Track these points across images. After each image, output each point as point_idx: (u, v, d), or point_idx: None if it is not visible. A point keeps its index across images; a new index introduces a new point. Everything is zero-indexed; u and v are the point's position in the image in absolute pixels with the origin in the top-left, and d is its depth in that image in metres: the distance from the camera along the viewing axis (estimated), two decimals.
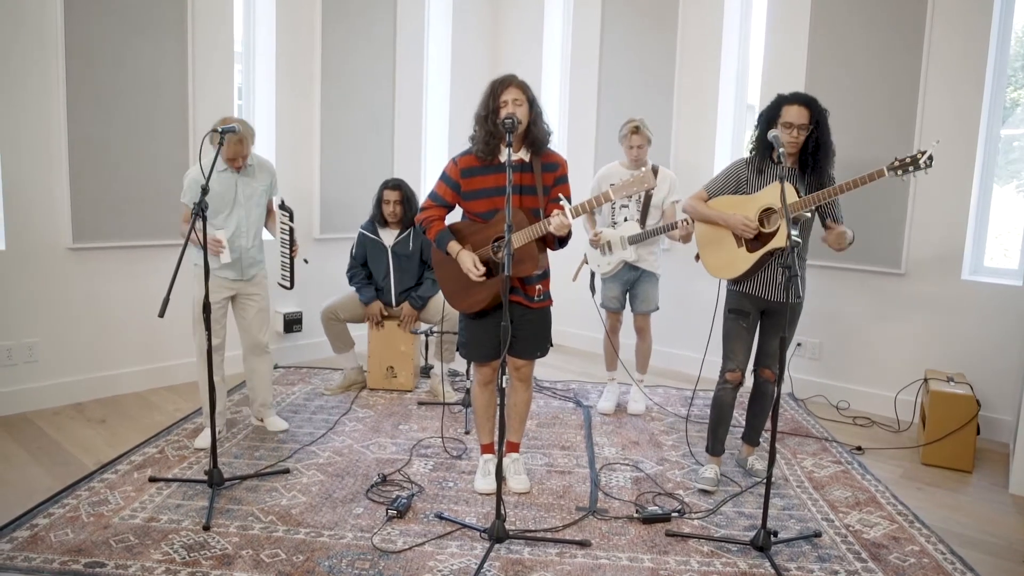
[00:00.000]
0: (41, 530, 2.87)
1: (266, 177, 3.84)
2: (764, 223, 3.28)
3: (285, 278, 3.80)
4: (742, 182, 3.41)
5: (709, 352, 3.90)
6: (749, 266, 3.31)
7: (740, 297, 3.42)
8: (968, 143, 4.31)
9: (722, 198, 3.44)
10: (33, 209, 4.23)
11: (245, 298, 3.87)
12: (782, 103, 3.27)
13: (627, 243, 4.32)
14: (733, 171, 3.45)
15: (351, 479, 3.44)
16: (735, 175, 3.43)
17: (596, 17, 5.95)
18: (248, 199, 3.75)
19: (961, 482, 3.71)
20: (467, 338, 3.29)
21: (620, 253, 4.36)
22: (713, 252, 3.45)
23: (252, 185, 3.77)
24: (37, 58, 4.15)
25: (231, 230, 3.69)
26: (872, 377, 4.74)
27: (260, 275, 3.90)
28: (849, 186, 3.09)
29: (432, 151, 6.39)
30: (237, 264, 3.75)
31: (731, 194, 3.43)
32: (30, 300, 4.25)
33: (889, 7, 4.50)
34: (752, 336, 3.45)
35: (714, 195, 3.47)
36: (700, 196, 3.51)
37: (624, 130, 4.27)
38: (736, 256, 3.35)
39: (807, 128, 3.21)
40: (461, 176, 3.16)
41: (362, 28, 5.60)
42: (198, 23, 4.73)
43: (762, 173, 3.37)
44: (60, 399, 4.38)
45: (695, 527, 3.09)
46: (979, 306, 4.33)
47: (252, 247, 3.81)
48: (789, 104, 3.24)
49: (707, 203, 3.46)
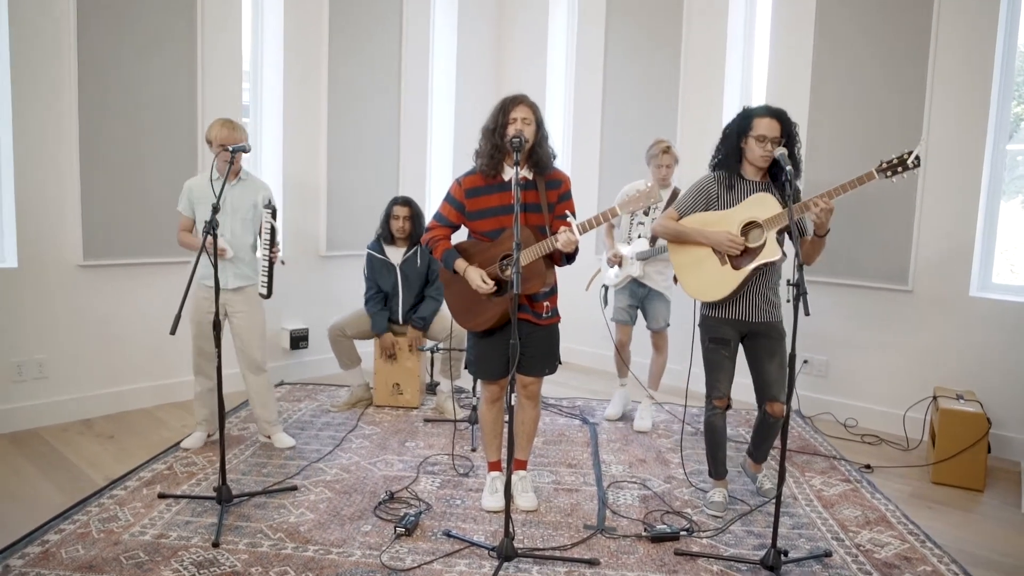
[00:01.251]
0: (52, 546, 2.88)
1: (257, 194, 3.87)
2: (745, 238, 3.18)
3: (263, 284, 3.67)
4: (712, 199, 3.30)
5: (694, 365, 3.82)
6: (738, 284, 3.19)
7: (719, 324, 3.32)
8: (974, 158, 4.32)
9: (694, 216, 3.33)
10: (44, 227, 4.27)
11: (233, 313, 3.88)
12: (752, 116, 3.20)
13: (635, 259, 4.40)
14: (703, 187, 3.33)
15: (359, 496, 3.44)
16: (704, 192, 3.32)
17: (600, 33, 6.00)
18: (235, 211, 3.79)
19: (972, 501, 3.69)
20: (475, 356, 3.30)
21: (627, 268, 4.45)
22: (693, 273, 3.31)
23: (242, 197, 3.81)
24: (50, 77, 4.20)
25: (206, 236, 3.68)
26: (880, 394, 4.73)
27: (249, 289, 3.88)
28: (839, 191, 3.03)
29: (437, 168, 6.43)
30: (222, 274, 3.67)
31: (702, 211, 3.32)
32: (41, 317, 4.28)
33: (894, 21, 4.52)
34: (734, 362, 3.34)
35: (685, 214, 3.35)
36: (671, 216, 3.39)
37: (655, 149, 4.35)
38: (721, 275, 3.23)
39: (779, 141, 3.14)
40: (466, 196, 3.18)
41: (368, 46, 5.66)
42: (207, 42, 4.79)
43: (733, 188, 3.27)
44: (69, 415, 4.40)
45: (704, 546, 3.07)
46: (988, 323, 4.32)
47: (237, 258, 3.82)
48: (760, 117, 3.17)
49: (679, 222, 3.36)
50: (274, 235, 3.67)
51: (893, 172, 3.04)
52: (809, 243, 3.24)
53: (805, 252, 3.26)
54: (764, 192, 3.21)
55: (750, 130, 3.19)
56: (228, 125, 3.73)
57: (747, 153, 3.24)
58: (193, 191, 3.84)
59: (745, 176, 3.29)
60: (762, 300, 3.27)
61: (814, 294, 4.74)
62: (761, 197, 3.18)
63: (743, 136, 3.22)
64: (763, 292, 3.27)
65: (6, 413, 4.17)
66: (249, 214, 3.86)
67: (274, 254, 3.67)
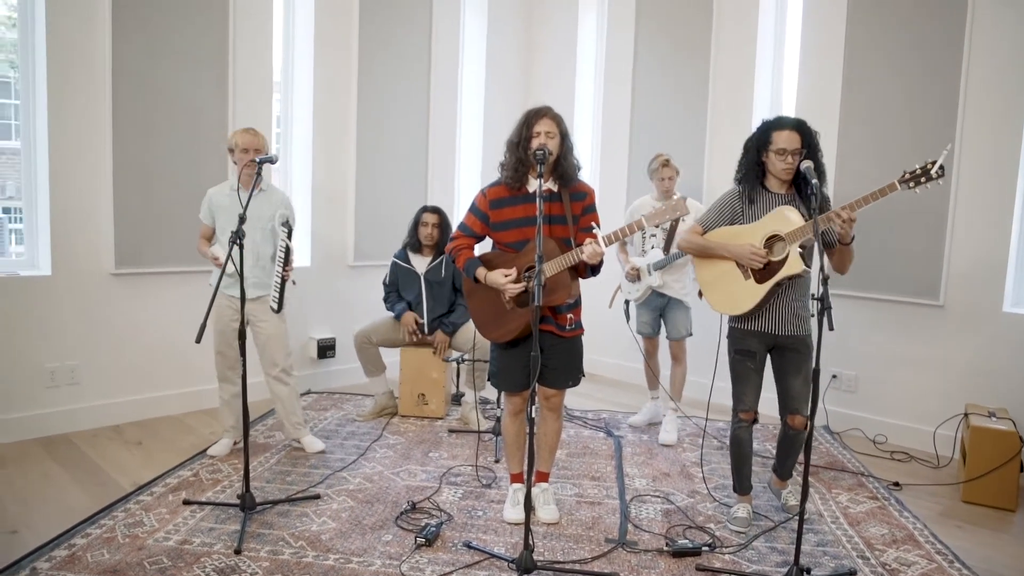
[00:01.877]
0: (78, 550, 2.93)
1: (279, 207, 3.92)
2: (769, 252, 3.15)
3: (274, 299, 3.71)
4: (736, 213, 3.29)
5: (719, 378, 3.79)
6: (760, 298, 3.17)
7: (745, 336, 3.30)
8: (1009, 169, 4.24)
9: (719, 230, 3.32)
10: (78, 236, 4.36)
11: (255, 326, 3.95)
12: (771, 129, 3.17)
13: (652, 269, 4.49)
14: (727, 202, 3.32)
15: (381, 506, 3.46)
16: (729, 206, 3.31)
17: (629, 41, 6.00)
18: (255, 220, 3.81)
19: (1003, 521, 3.61)
20: (498, 368, 3.30)
21: (646, 280, 4.53)
22: (717, 287, 3.30)
23: (262, 208, 3.85)
24: (84, 88, 4.30)
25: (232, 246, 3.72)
26: (910, 411, 4.64)
27: (268, 299, 3.88)
28: (861, 203, 2.98)
29: (465, 179, 6.47)
30: (237, 283, 3.65)
31: (726, 226, 3.31)
32: (73, 324, 4.37)
33: (926, 30, 4.46)
34: (762, 374, 3.32)
35: (709, 228, 3.35)
36: (695, 230, 3.38)
37: (655, 163, 4.47)
38: (744, 288, 3.22)
39: (800, 152, 3.12)
40: (490, 207, 3.19)
41: (397, 57, 5.72)
42: (239, 54, 4.87)
43: (754, 202, 3.26)
44: (99, 421, 4.48)
45: (726, 562, 3.04)
46: (1022, 339, 4.22)
47: (258, 267, 3.88)
48: (779, 130, 3.15)
49: (704, 236, 3.35)
50: (288, 254, 3.72)
51: (916, 183, 2.98)
52: (837, 253, 3.21)
53: (835, 263, 3.23)
54: (787, 205, 3.18)
55: (770, 144, 3.17)
56: (250, 131, 3.82)
57: (769, 166, 3.22)
58: (213, 200, 3.91)
59: (769, 189, 3.27)
60: (790, 313, 3.23)
61: (843, 308, 4.73)
62: (784, 210, 3.16)
63: (763, 150, 3.20)
64: (791, 305, 3.23)
65: (39, 418, 4.26)
66: (269, 225, 3.91)
67: (287, 272, 3.72)
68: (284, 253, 3.71)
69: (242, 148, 3.76)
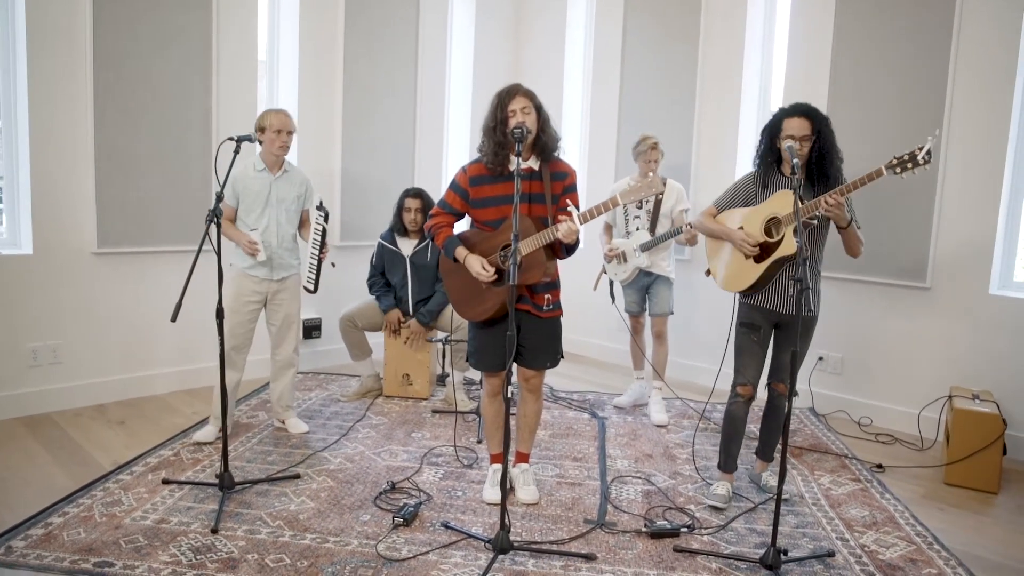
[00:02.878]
0: (55, 529, 2.92)
1: (300, 186, 3.99)
2: (772, 232, 3.24)
3: (310, 280, 3.86)
4: (751, 196, 3.40)
5: (725, 364, 3.83)
6: (757, 277, 3.27)
7: (751, 310, 3.39)
8: (996, 154, 4.21)
9: (728, 212, 3.45)
10: (59, 214, 4.32)
11: (273, 303, 3.96)
12: (782, 117, 3.26)
13: (639, 250, 4.49)
14: (742, 186, 3.45)
15: (360, 486, 3.45)
16: (743, 190, 3.44)
17: (618, 30, 5.94)
18: (280, 201, 3.89)
19: (985, 503, 3.61)
20: (476, 347, 3.28)
21: (634, 260, 4.54)
22: (722, 265, 3.46)
23: (286, 189, 3.92)
24: (65, 65, 4.25)
25: (262, 229, 3.84)
26: (895, 393, 4.64)
27: (292, 279, 3.99)
28: (848, 188, 3.04)
29: (453, 161, 6.42)
30: (268, 263, 3.87)
31: (739, 207, 3.43)
32: (55, 303, 4.34)
33: (914, 17, 4.41)
34: (764, 350, 3.40)
35: (723, 209, 3.48)
36: (709, 212, 3.53)
37: (643, 146, 4.46)
38: (744, 267, 3.34)
39: (810, 139, 3.19)
40: (470, 184, 3.16)
41: (385, 38, 5.66)
42: (223, 33, 4.81)
43: (767, 187, 3.36)
44: (82, 400, 4.46)
45: (704, 543, 3.04)
46: (1007, 322, 4.21)
47: (282, 248, 3.92)
48: (789, 117, 3.23)
49: (716, 218, 3.48)
50: (324, 236, 3.84)
51: (903, 168, 3.00)
52: (843, 236, 3.26)
53: (846, 247, 3.31)
54: (788, 189, 3.24)
55: (781, 131, 3.24)
56: (282, 112, 3.86)
57: (783, 152, 3.28)
58: (238, 182, 3.85)
59: (783, 173, 3.35)
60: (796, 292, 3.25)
61: (831, 290, 4.72)
62: (784, 193, 3.24)
63: (776, 137, 3.28)
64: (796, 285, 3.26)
65: (21, 398, 4.24)
66: (293, 205, 3.96)
67: (324, 254, 3.85)
68: (321, 236, 3.84)
69: (275, 128, 3.78)
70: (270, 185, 3.86)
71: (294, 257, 4.00)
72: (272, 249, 3.87)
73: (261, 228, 3.84)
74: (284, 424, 4.15)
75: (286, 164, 3.94)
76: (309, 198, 4.05)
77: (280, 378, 4.10)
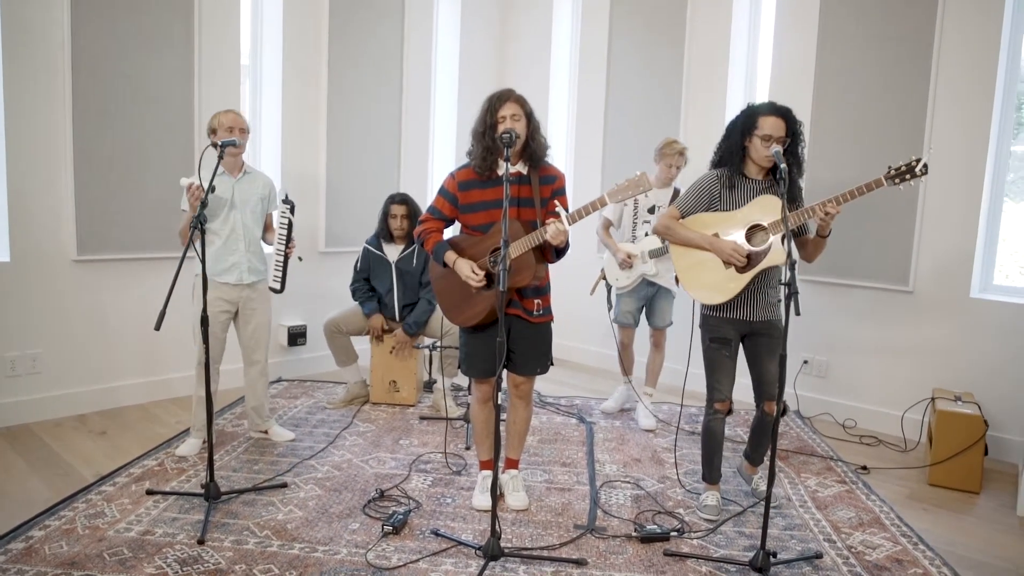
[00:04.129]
0: (36, 542, 2.87)
1: (263, 187, 3.90)
2: (750, 240, 3.14)
3: (276, 279, 3.73)
4: (715, 198, 3.23)
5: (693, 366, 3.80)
6: (742, 288, 3.15)
7: (720, 323, 3.26)
8: (977, 159, 4.27)
9: (698, 217, 3.27)
10: (38, 221, 4.26)
11: (246, 310, 3.87)
12: (758, 114, 3.12)
13: (647, 257, 4.35)
14: (705, 187, 3.26)
15: (349, 494, 3.42)
16: (707, 191, 3.25)
17: (604, 29, 5.96)
18: (244, 203, 3.80)
19: (968, 503, 3.65)
20: (466, 353, 3.27)
21: (640, 267, 4.39)
22: (697, 275, 3.24)
23: (248, 190, 3.83)
24: (43, 71, 4.18)
25: (227, 234, 3.74)
26: (879, 396, 4.68)
27: (261, 285, 3.90)
28: (847, 197, 2.99)
29: (439, 166, 6.40)
30: (235, 269, 3.77)
31: (704, 211, 3.26)
32: (34, 311, 4.27)
33: (898, 20, 4.47)
34: (735, 363, 3.29)
35: (687, 213, 3.29)
36: (672, 215, 3.31)
37: (669, 149, 4.34)
38: (725, 277, 3.17)
39: (784, 140, 3.08)
40: (459, 189, 3.16)
41: (369, 39, 5.64)
42: (205, 37, 4.77)
43: (734, 188, 3.21)
44: (62, 410, 4.39)
45: (694, 547, 3.04)
46: (988, 324, 4.27)
47: (250, 252, 3.83)
48: (765, 116, 3.09)
49: (681, 222, 3.29)
50: (291, 229, 3.71)
51: (901, 179, 3.00)
52: (812, 243, 3.21)
53: (808, 252, 3.24)
54: (769, 194, 3.15)
55: (755, 129, 3.12)
56: (232, 111, 3.78)
57: (751, 152, 3.17)
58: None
59: (748, 175, 3.23)
60: (763, 299, 3.23)
61: (815, 294, 4.76)
62: (767, 199, 3.13)
63: (747, 135, 3.16)
64: (764, 291, 3.22)
65: None
66: (258, 207, 3.87)
67: (290, 249, 3.73)
68: (287, 229, 3.69)
69: (226, 127, 3.67)
70: (232, 188, 3.75)
71: (262, 262, 3.90)
72: (240, 254, 3.77)
73: (226, 233, 3.73)
74: (267, 435, 4.09)
75: (246, 166, 3.84)
76: (273, 200, 3.96)
77: (255, 382, 3.98)
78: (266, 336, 3.97)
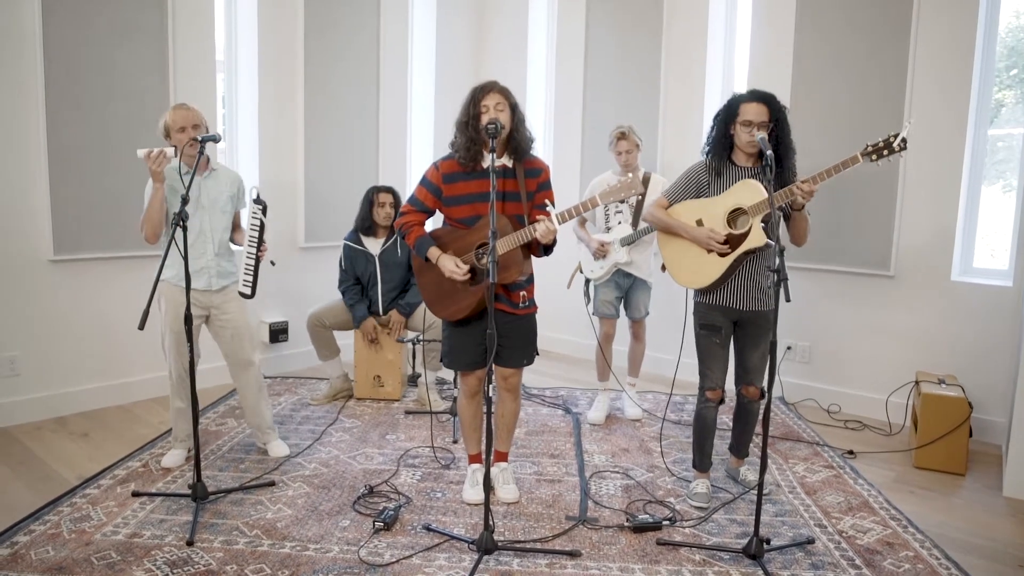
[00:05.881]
0: (21, 548, 2.81)
1: (231, 185, 3.64)
2: (732, 225, 3.15)
3: (247, 284, 3.45)
4: (703, 186, 3.25)
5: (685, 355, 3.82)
6: (722, 272, 3.16)
7: (710, 311, 3.28)
8: (956, 143, 4.31)
9: (684, 204, 3.29)
10: (13, 221, 4.16)
11: (219, 318, 3.61)
12: (739, 102, 3.15)
13: (619, 245, 4.34)
14: (693, 175, 3.29)
15: (337, 491, 3.39)
16: (695, 179, 3.28)
17: (580, 21, 5.94)
18: (212, 203, 3.53)
19: (954, 485, 3.69)
20: (450, 347, 3.24)
21: (613, 256, 4.37)
22: (680, 261, 3.28)
23: (216, 189, 3.56)
24: (14, 66, 4.08)
25: (193, 237, 3.45)
26: (863, 380, 4.72)
27: (232, 289, 3.62)
28: (823, 176, 2.99)
29: (417, 158, 6.35)
30: (204, 273, 3.53)
31: (692, 199, 3.28)
32: (11, 313, 4.18)
33: (876, 5, 4.48)
34: (727, 350, 3.31)
35: (675, 201, 3.31)
36: (660, 203, 3.35)
37: (611, 137, 4.35)
38: (707, 262, 3.19)
39: (767, 126, 3.09)
40: (443, 181, 3.11)
41: (345, 35, 5.57)
42: (179, 31, 4.68)
43: (720, 175, 3.22)
44: (42, 413, 4.31)
45: (686, 535, 3.05)
46: (969, 307, 4.32)
47: (219, 255, 3.58)
48: (747, 102, 3.11)
49: (667, 210, 3.32)
50: (263, 231, 3.45)
51: (879, 155, 3.00)
52: (792, 223, 3.22)
53: (793, 234, 3.26)
54: (751, 178, 3.15)
55: (737, 116, 3.14)
56: (182, 107, 3.45)
57: (736, 139, 3.18)
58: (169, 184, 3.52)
59: (736, 162, 3.23)
60: (754, 287, 3.22)
61: (797, 280, 4.75)
62: (747, 183, 3.13)
63: (731, 122, 3.17)
64: (755, 279, 3.21)
65: None
66: (228, 207, 3.63)
67: (262, 252, 3.46)
68: (259, 231, 3.43)
69: (178, 127, 3.38)
70: (199, 186, 3.47)
71: (232, 264, 3.65)
72: (208, 257, 3.54)
73: (192, 236, 3.42)
74: (265, 447, 3.85)
75: (213, 163, 3.59)
76: (242, 198, 3.73)
77: (248, 391, 3.73)
78: (248, 335, 3.70)
